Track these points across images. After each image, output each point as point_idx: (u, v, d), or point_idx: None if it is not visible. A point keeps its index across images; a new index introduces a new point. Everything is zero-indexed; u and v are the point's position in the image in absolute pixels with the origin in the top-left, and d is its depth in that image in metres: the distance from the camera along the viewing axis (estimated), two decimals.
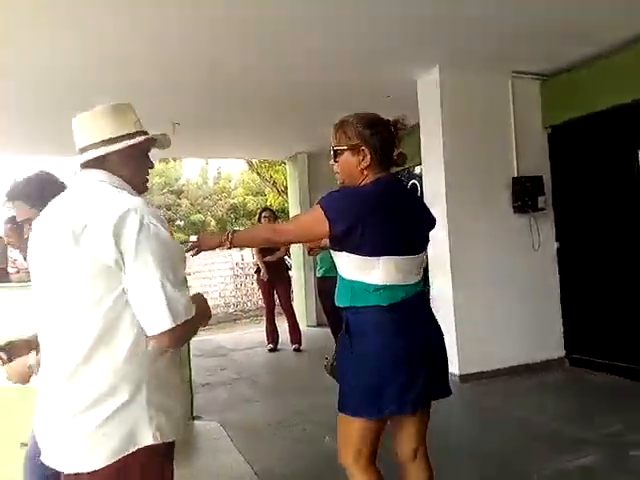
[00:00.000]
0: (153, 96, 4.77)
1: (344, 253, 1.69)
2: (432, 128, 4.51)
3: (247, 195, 17.46)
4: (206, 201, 16.73)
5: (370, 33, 3.64)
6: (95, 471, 1.20)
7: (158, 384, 1.28)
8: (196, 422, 3.66)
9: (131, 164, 1.40)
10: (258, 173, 12.76)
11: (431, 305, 1.96)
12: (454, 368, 4.30)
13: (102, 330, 1.21)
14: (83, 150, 1.38)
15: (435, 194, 4.48)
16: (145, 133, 1.44)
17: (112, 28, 3.40)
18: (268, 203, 14.25)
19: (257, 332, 7.63)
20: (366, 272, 1.67)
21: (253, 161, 12.25)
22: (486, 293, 4.46)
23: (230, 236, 1.81)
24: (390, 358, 1.66)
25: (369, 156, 1.72)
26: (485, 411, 3.73)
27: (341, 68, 4.33)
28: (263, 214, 6.18)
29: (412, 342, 1.69)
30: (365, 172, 1.74)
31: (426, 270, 1.97)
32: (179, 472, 2.79)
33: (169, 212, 15.43)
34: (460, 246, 4.39)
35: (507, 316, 4.52)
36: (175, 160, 14.75)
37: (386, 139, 1.76)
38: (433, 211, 2.04)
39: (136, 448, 1.22)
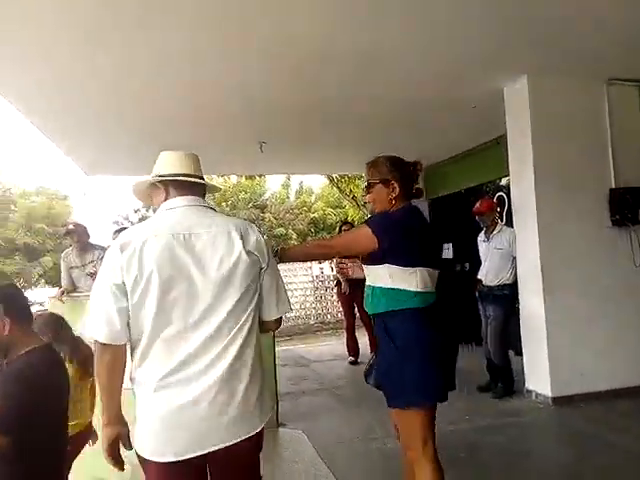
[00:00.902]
0: (243, 118, 5.05)
1: (385, 265, 2.05)
2: (520, 138, 4.37)
3: (327, 208, 17.71)
4: (288, 215, 17.18)
5: (450, 37, 3.54)
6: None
7: None
8: (281, 429, 3.77)
9: None
10: (338, 187, 12.93)
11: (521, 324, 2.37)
12: (546, 389, 4.08)
13: (255, 317, 1.67)
14: (188, 176, 1.72)
15: (525, 206, 4.31)
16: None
17: (201, 50, 3.65)
18: (348, 217, 14.36)
19: (337, 344, 7.69)
20: (407, 280, 2.03)
21: (333, 175, 12.44)
22: (581, 311, 4.20)
23: (278, 253, 2.08)
24: (431, 348, 2.01)
25: (397, 189, 2.13)
26: (579, 436, 3.49)
27: (425, 81, 4.33)
28: (343, 227, 6.27)
29: (443, 336, 2.07)
30: (393, 202, 2.15)
31: None
32: (265, 477, 2.89)
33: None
34: (552, 261, 4.18)
35: (604, 335, 4.22)
36: (260, 176, 15.31)
37: (409, 176, 2.19)
38: (523, 224, 2.22)
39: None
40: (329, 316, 14.01)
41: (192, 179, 1.72)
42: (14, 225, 19.16)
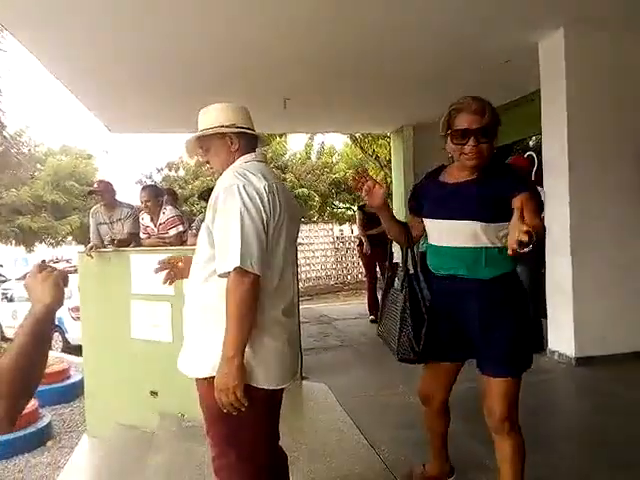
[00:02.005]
0: (267, 73, 4.96)
1: (506, 223, 1.72)
2: (555, 95, 4.21)
3: (348, 170, 17.54)
4: (309, 176, 17.09)
5: None
6: None
7: None
8: (304, 382, 3.88)
9: None
10: (361, 147, 12.74)
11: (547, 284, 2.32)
12: (569, 350, 4.09)
13: None
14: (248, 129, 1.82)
15: (556, 168, 4.19)
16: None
17: (238, 15, 3.57)
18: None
19: (358, 304, 7.79)
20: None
21: (356, 135, 12.25)
22: (608, 276, 4.14)
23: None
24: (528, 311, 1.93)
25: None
26: (600, 394, 3.50)
27: (456, 33, 4.17)
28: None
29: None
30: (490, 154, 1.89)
31: None
32: (290, 425, 3.00)
33: None
34: (583, 225, 4.09)
35: (630, 301, 4.17)
36: (281, 136, 15.17)
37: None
38: (554, 184, 2.19)
39: None
40: (349, 277, 14.14)
41: (257, 132, 1.87)
42: (41, 183, 19.49)
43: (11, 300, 11.54)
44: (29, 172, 19.32)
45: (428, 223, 1.98)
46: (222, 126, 1.77)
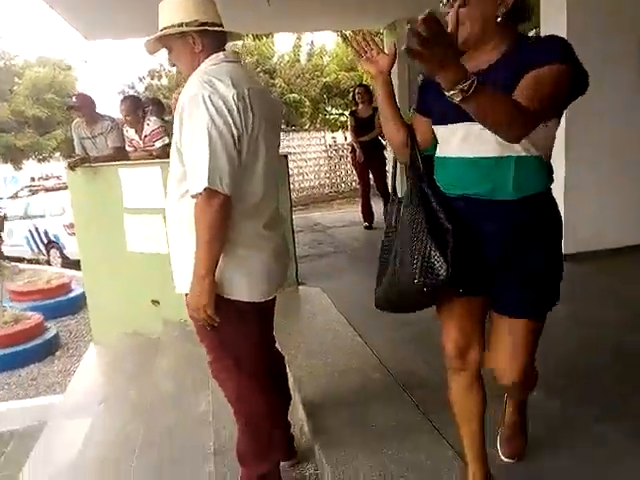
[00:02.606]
0: None
1: (555, 120, 1.38)
2: None
3: (340, 72, 16.77)
4: (299, 80, 16.36)
5: None
6: None
7: None
8: (300, 287, 4.00)
9: None
10: (352, 46, 12.08)
11: None
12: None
13: None
14: (219, 25, 1.67)
15: None
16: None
17: None
18: (363, 81, 13.65)
19: (352, 212, 7.82)
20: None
21: (347, 33, 11.57)
22: (605, 169, 4.10)
23: (476, 83, 1.08)
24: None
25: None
26: (593, 288, 3.59)
27: None
28: (357, 91, 6.01)
29: None
30: (498, 20, 1.37)
31: None
32: (288, 327, 3.14)
33: None
34: (576, 117, 3.95)
35: (627, 196, 4.18)
36: (267, 37, 14.31)
37: None
38: None
39: None
40: (343, 185, 14.06)
41: (222, 29, 1.68)
42: (21, 98, 18.67)
43: (5, 218, 11.52)
44: (7, 86, 18.43)
45: (438, 130, 1.49)
46: (182, 24, 1.60)
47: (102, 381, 3.85)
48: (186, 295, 1.64)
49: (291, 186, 4.38)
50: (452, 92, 1.09)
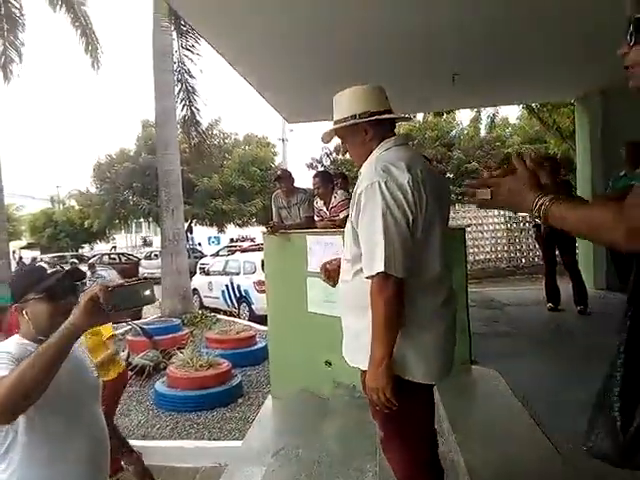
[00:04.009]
0: (435, 47, 4.85)
1: None
2: None
3: (524, 144, 16.24)
4: (479, 152, 16.26)
5: None
6: None
7: None
8: (473, 367, 3.82)
9: None
10: (539, 117, 11.69)
11: None
12: None
13: None
14: (388, 112, 1.78)
15: None
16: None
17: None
18: (550, 151, 12.99)
19: (534, 290, 7.26)
20: None
21: (533, 105, 11.26)
22: None
23: (547, 204, 1.04)
24: None
25: None
26: None
27: None
28: (544, 164, 5.72)
29: None
30: None
31: None
32: (461, 407, 3.00)
33: (440, 165, 15.62)
34: None
35: None
36: (448, 113, 14.68)
37: None
38: None
39: None
40: (523, 260, 13.19)
41: (393, 116, 1.80)
42: (229, 171, 21.97)
43: (207, 273, 13.33)
44: (219, 161, 21.88)
45: None
46: (355, 115, 1.73)
47: (276, 434, 4.09)
48: (362, 372, 1.70)
49: (466, 258, 4.30)
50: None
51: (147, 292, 1.44)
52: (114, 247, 32.61)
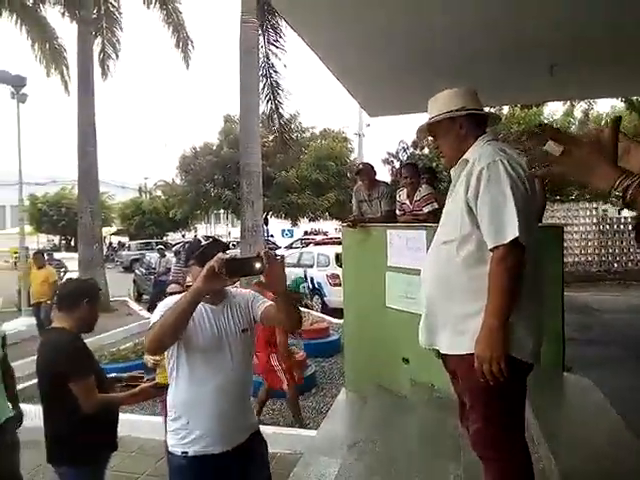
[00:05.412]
0: (533, 40, 4.58)
1: None
2: None
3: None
4: None
5: None
6: None
7: None
8: (565, 374, 3.59)
9: None
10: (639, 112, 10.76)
11: None
12: None
13: None
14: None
15: None
16: None
17: None
18: None
19: (628, 296, 6.73)
20: None
21: (634, 99, 10.38)
22: None
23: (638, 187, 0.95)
24: None
25: None
26: None
27: None
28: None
29: None
30: None
31: None
32: (555, 415, 2.83)
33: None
34: None
35: None
36: (538, 106, 13.90)
37: None
38: None
39: None
40: (615, 264, 12.25)
41: (487, 112, 1.94)
42: (305, 165, 22.21)
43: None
44: (296, 155, 22.18)
45: None
46: (451, 111, 1.83)
47: (351, 427, 4.07)
48: (460, 356, 1.69)
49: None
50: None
51: (258, 265, 1.70)
52: (195, 236, 34.24)
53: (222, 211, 26.42)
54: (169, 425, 2.00)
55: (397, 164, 17.11)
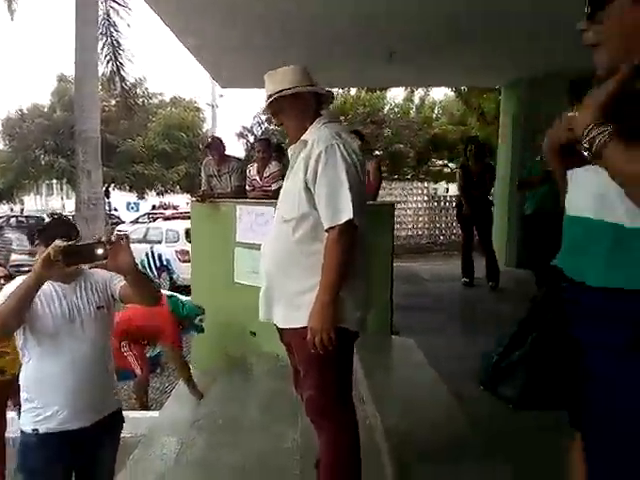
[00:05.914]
0: (372, 26, 4.83)
1: None
2: None
3: (448, 125, 16.82)
4: (407, 131, 16.63)
5: None
6: None
7: None
8: (393, 337, 3.98)
9: None
10: (466, 101, 12.14)
11: None
12: None
13: None
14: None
15: None
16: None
17: None
18: (473, 134, 13.55)
19: (450, 266, 7.65)
20: None
21: (462, 88, 11.67)
22: None
23: (606, 138, 0.91)
24: None
25: None
26: None
27: None
28: (469, 148, 5.91)
29: None
30: None
31: None
32: (380, 375, 3.12)
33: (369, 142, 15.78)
34: None
35: None
36: (381, 90, 14.85)
37: None
38: None
39: None
40: (442, 237, 13.83)
41: (325, 92, 1.96)
42: (152, 134, 20.88)
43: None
44: (143, 123, 20.73)
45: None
46: (296, 86, 1.85)
47: (196, 404, 4.04)
48: (294, 330, 1.80)
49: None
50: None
51: (100, 251, 1.70)
52: (22, 210, 30.21)
53: (55, 181, 23.74)
54: (23, 406, 2.01)
55: (252, 139, 17.00)
